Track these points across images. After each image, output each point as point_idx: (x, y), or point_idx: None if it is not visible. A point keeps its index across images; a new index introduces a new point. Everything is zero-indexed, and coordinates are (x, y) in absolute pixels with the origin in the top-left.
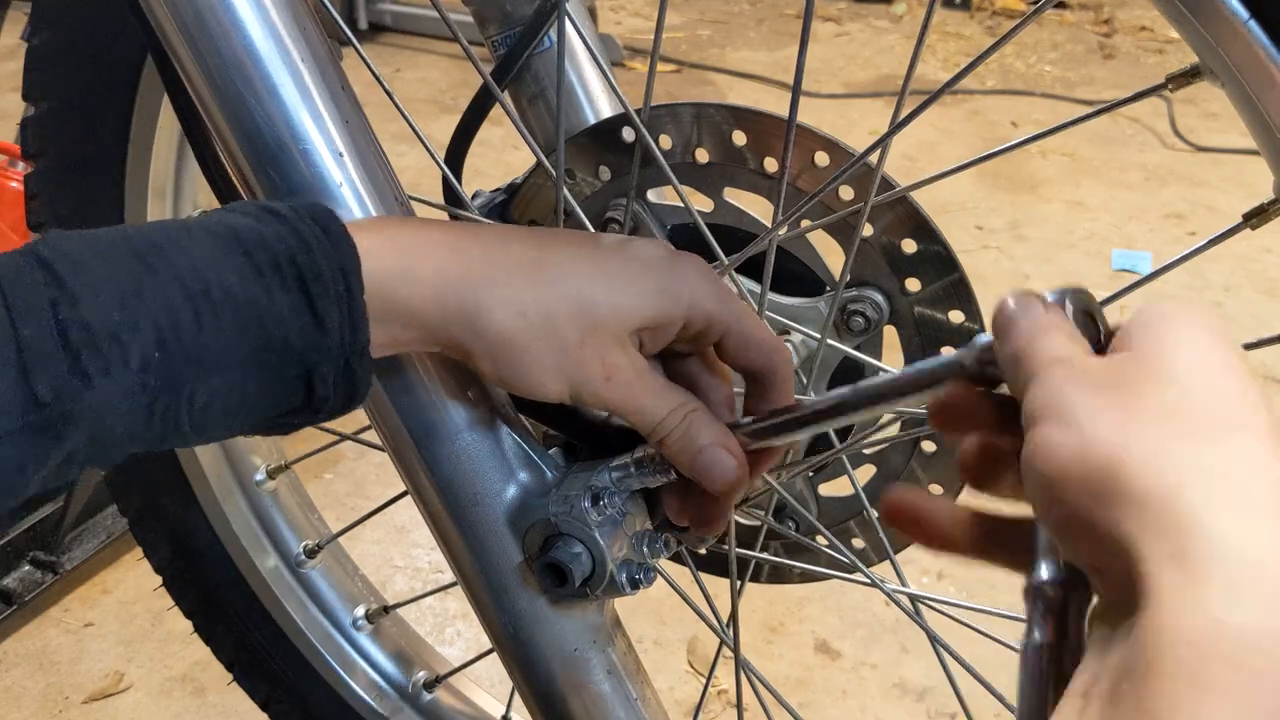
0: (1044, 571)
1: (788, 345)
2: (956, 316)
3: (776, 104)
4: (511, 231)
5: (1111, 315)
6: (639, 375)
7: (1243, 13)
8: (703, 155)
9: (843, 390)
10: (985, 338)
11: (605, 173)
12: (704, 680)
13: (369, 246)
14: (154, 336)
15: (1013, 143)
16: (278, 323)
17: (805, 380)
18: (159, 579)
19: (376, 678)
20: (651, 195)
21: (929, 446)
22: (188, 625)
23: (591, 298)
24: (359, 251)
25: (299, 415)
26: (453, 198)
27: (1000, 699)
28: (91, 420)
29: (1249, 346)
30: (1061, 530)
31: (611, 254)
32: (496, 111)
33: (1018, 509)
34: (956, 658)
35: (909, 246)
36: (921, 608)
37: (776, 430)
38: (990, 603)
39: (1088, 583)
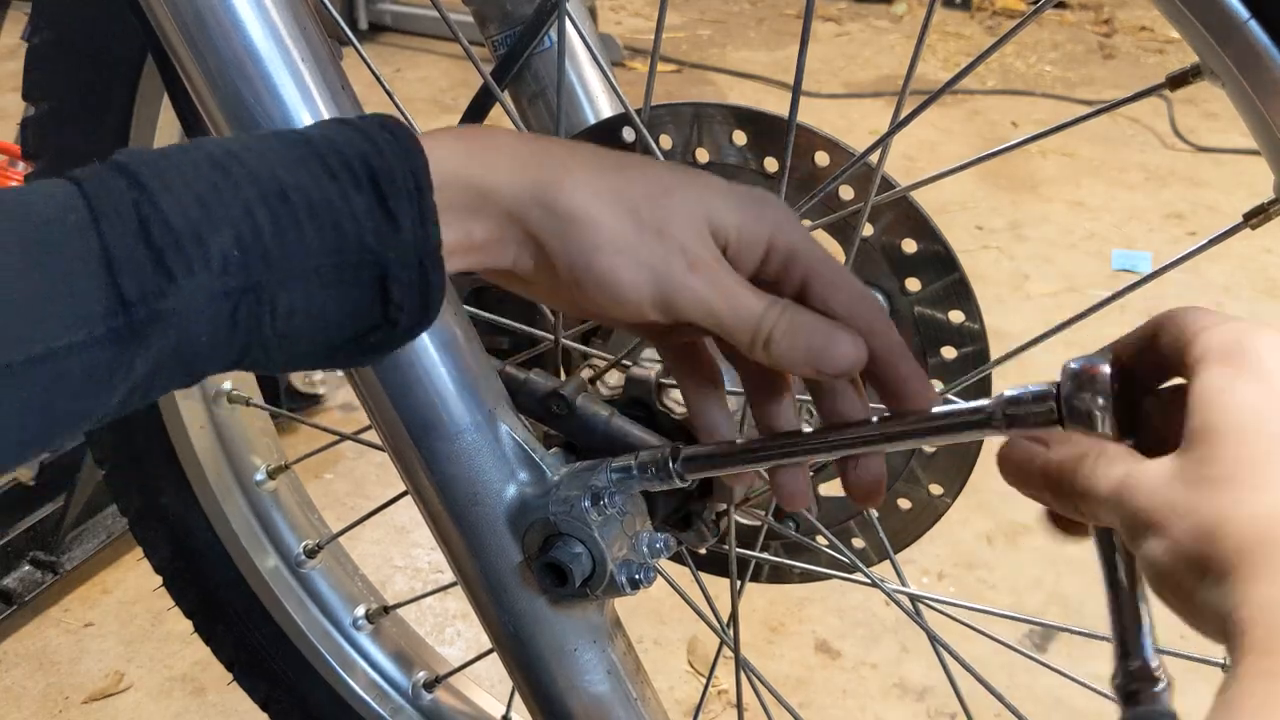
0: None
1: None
2: (956, 316)
3: (777, 104)
4: (586, 144)
5: (1112, 315)
6: (726, 269)
7: (1243, 13)
8: (703, 155)
9: (879, 421)
10: (1012, 393)
11: None
12: (704, 680)
13: (442, 140)
14: (233, 236)
15: (1013, 143)
16: (352, 221)
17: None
18: (159, 579)
19: (376, 678)
20: None
21: (929, 447)
22: (188, 625)
23: (670, 186)
24: (430, 147)
25: (377, 333)
26: None
27: (1000, 699)
28: (177, 324)
29: None
30: (1178, 609)
31: (690, 169)
32: (497, 111)
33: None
34: (956, 658)
35: (909, 246)
36: (921, 608)
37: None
38: (990, 603)
39: None
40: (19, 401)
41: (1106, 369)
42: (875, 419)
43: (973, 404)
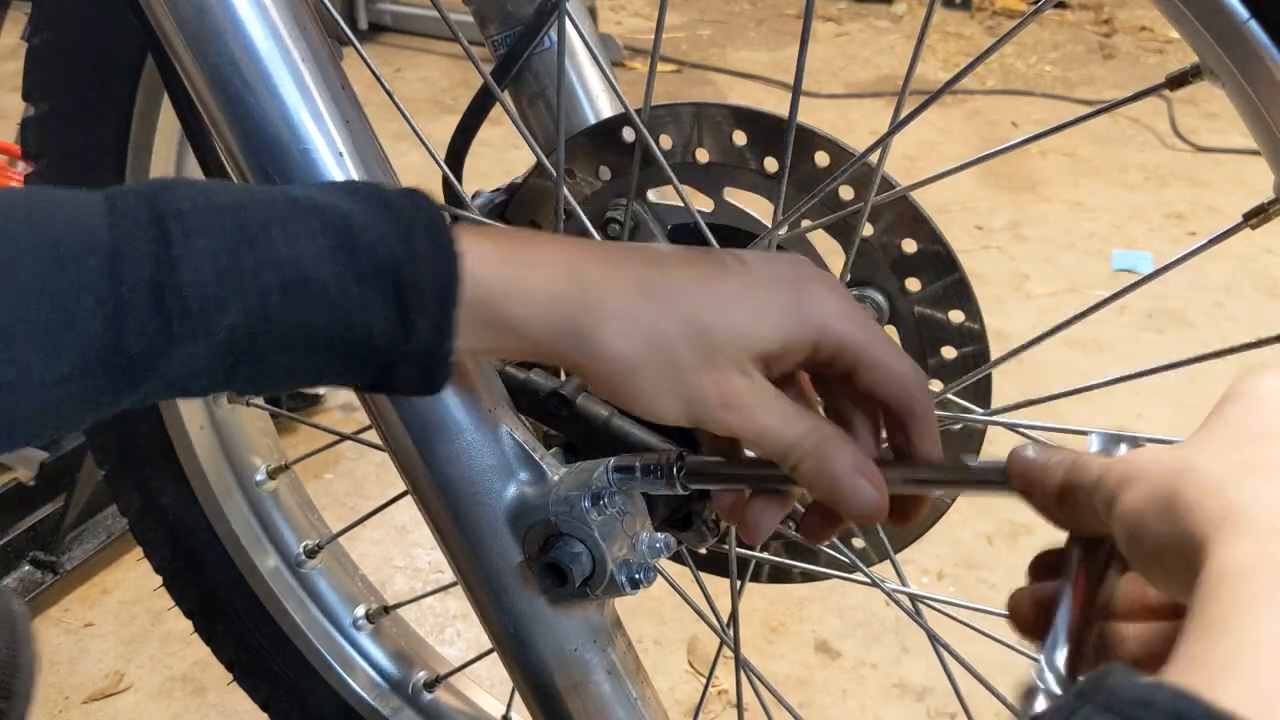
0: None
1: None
2: (956, 316)
3: (777, 104)
4: (631, 252)
5: (1111, 315)
6: (761, 400)
7: (1243, 12)
8: (703, 155)
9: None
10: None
11: (605, 172)
12: (704, 680)
13: (481, 255)
14: (243, 316)
15: (1013, 143)
16: (364, 326)
17: None
18: (159, 579)
19: (377, 677)
20: (652, 195)
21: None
22: (188, 625)
23: (709, 323)
24: (467, 262)
25: (376, 389)
26: (453, 198)
27: (1000, 699)
28: (171, 374)
29: (1248, 346)
30: (1149, 567)
31: (734, 274)
32: (496, 111)
33: None
34: (957, 658)
35: (909, 246)
36: (921, 608)
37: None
38: (990, 603)
39: None
40: None
41: None
42: (896, 461)
43: (997, 462)
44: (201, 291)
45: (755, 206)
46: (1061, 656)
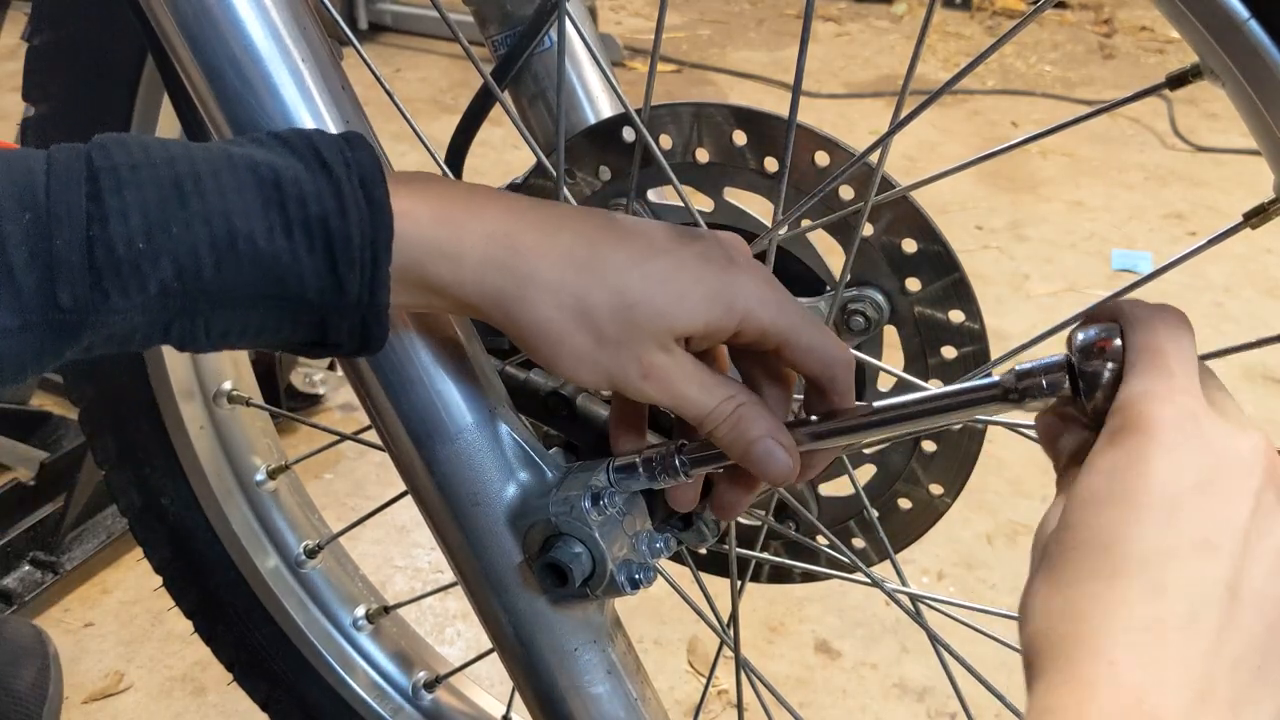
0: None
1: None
2: (957, 316)
3: (777, 104)
4: (567, 218)
5: None
6: (680, 371)
7: (1243, 12)
8: (703, 155)
9: (894, 400)
10: (1022, 367)
11: (605, 172)
12: (704, 680)
13: (414, 213)
14: (174, 271)
15: (1013, 142)
16: (297, 280)
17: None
18: (159, 579)
19: (377, 678)
20: (652, 195)
21: (929, 446)
22: (187, 625)
23: (634, 300)
24: (398, 218)
25: (315, 348)
26: None
27: (1000, 699)
28: (108, 327)
29: (1248, 346)
30: None
31: (665, 254)
32: (497, 111)
33: None
34: (957, 658)
35: (909, 246)
36: (921, 608)
37: (828, 433)
38: (990, 603)
39: None
40: None
41: (1118, 341)
42: (886, 401)
43: (985, 380)
44: (131, 246)
45: (755, 206)
46: None
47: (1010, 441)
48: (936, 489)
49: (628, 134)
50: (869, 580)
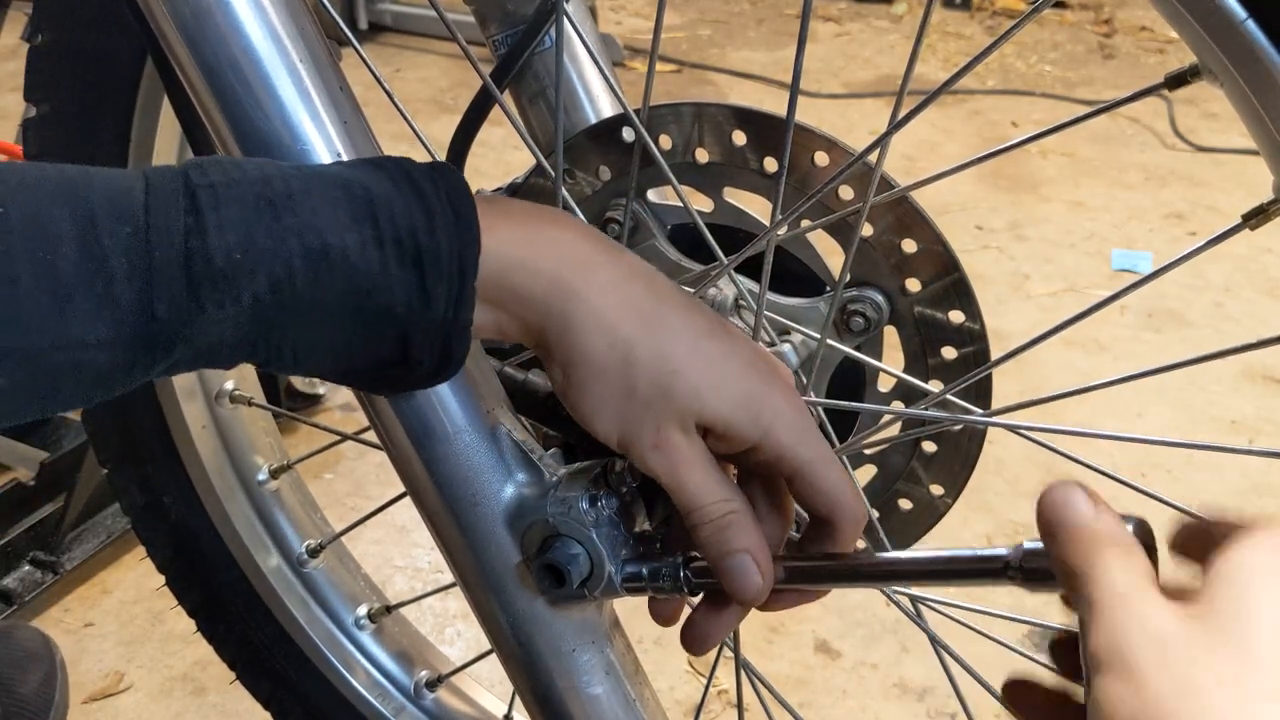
0: None
1: (815, 412)
2: (956, 316)
3: (777, 104)
4: (640, 272)
5: (1112, 315)
6: (690, 455)
7: (1241, 12)
8: (703, 155)
9: (890, 556)
10: (1032, 544)
11: (605, 173)
12: (704, 680)
13: (497, 229)
14: (268, 283)
15: (1013, 142)
16: (386, 293)
17: (805, 380)
18: (159, 579)
19: (379, 677)
20: (652, 195)
21: (929, 447)
22: (188, 625)
23: (677, 369)
24: (484, 235)
25: (395, 369)
26: None
27: (1000, 699)
28: (198, 341)
29: (1248, 347)
30: None
31: (720, 341)
32: (497, 111)
33: None
34: (956, 658)
35: (909, 246)
36: (921, 608)
37: (811, 576)
38: (990, 603)
39: None
40: (29, 383)
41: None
42: (879, 556)
43: (988, 551)
44: (228, 259)
45: (755, 206)
46: None
47: (1010, 442)
48: (937, 489)
49: (627, 134)
50: None
